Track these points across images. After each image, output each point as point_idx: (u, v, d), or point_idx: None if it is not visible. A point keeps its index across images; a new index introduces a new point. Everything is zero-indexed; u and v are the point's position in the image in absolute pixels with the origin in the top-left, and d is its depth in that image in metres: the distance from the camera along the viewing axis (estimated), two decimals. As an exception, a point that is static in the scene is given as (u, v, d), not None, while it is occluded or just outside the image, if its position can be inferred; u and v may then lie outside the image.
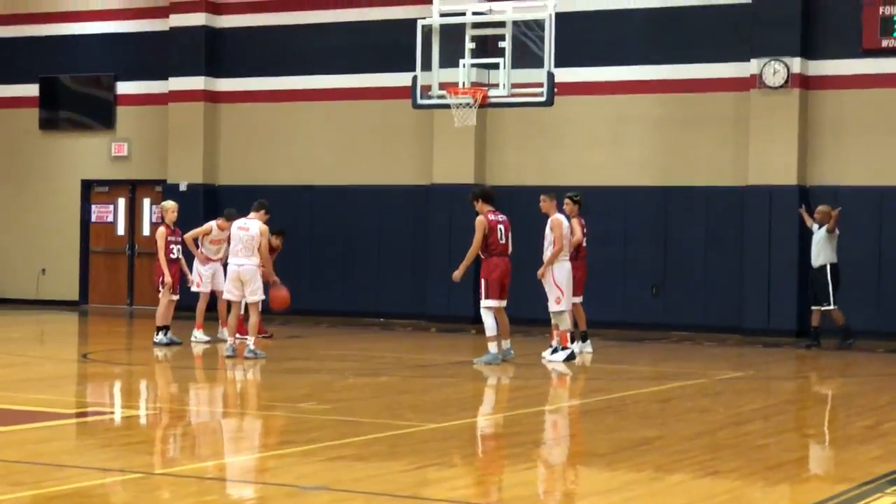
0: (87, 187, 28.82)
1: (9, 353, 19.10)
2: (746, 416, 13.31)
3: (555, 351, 18.27)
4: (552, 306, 18.04)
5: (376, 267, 25.92)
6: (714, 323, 23.60)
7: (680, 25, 24.20)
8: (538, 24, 18.56)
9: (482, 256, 17.91)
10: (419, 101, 19.68)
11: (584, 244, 18.99)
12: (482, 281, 17.91)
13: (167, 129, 27.59)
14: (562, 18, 19.10)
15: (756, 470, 10.19)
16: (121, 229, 28.61)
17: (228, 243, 18.88)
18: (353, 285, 26.17)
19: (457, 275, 18.01)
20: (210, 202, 26.98)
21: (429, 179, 25.54)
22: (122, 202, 28.62)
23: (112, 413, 13.54)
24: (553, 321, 18.22)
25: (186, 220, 24.22)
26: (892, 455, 10.90)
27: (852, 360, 20.00)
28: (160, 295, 19.47)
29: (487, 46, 19.33)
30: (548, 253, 18.06)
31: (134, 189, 28.52)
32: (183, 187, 27.21)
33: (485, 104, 19.35)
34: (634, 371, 18.12)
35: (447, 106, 19.43)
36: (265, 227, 18.32)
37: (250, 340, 18.03)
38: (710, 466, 10.23)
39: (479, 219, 17.95)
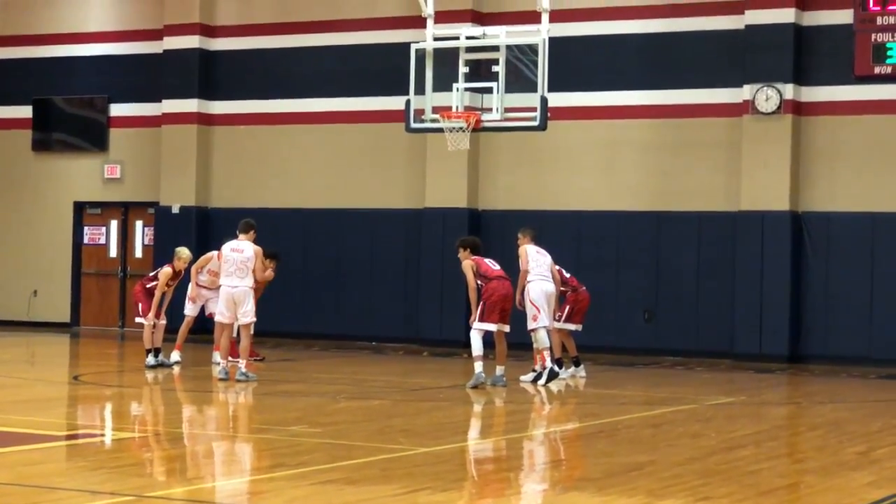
0: (80, 209, 28.80)
1: (0, 375, 19.06)
2: (738, 442, 13.30)
3: (538, 376, 18.38)
4: (530, 323, 18.38)
5: (368, 290, 25.89)
6: (706, 348, 23.59)
7: (673, 51, 24.25)
8: (532, 49, 18.58)
9: (481, 284, 18.20)
10: (412, 125, 19.68)
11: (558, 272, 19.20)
12: (481, 304, 18.10)
13: (160, 152, 27.58)
14: (555, 43, 19.11)
15: (748, 496, 10.18)
16: (113, 251, 28.58)
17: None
18: (345, 309, 26.14)
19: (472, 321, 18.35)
20: (202, 225, 26.98)
21: (421, 203, 25.55)
22: (114, 224, 28.60)
23: (103, 435, 13.51)
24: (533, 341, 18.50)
25: (178, 243, 24.23)
26: (885, 481, 10.89)
27: (844, 387, 20.00)
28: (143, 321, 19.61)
29: (481, 70, 19.33)
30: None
31: (126, 211, 28.49)
32: (175, 210, 27.20)
33: (478, 128, 19.35)
34: (626, 396, 18.11)
35: (440, 130, 19.43)
36: (259, 248, 18.33)
37: (242, 363, 18.01)
38: (702, 492, 10.22)
39: (465, 262, 18.39)
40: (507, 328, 18.33)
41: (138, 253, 28.33)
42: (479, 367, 17.94)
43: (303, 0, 26.86)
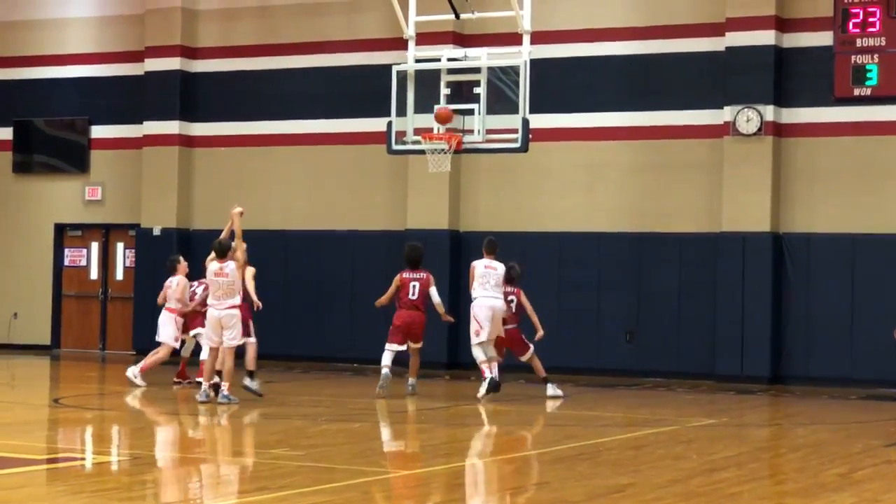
0: (60, 231, 28.74)
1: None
2: (719, 464, 13.30)
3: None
4: (472, 339, 19.06)
5: (349, 312, 25.84)
6: (687, 369, 23.61)
7: (654, 72, 24.31)
8: (513, 70, 18.62)
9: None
10: (394, 147, 19.69)
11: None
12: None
13: (141, 174, 27.55)
14: (537, 65, 19.17)
15: (729, 518, 10.17)
16: (94, 273, 28.51)
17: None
18: (326, 330, 26.10)
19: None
20: (184, 247, 26.90)
21: (403, 225, 25.55)
22: (95, 246, 28.54)
23: (83, 459, 13.46)
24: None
25: (160, 265, 24.17)
26: (866, 503, 10.89)
27: (825, 408, 20.02)
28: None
29: (462, 92, 19.35)
30: None
31: (107, 233, 28.44)
32: (157, 231, 27.16)
33: (459, 150, 19.36)
34: (607, 417, 18.10)
35: (422, 152, 19.44)
36: (237, 262, 18.27)
37: (224, 386, 17.97)
38: (684, 514, 10.21)
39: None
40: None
41: (119, 275, 28.27)
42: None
43: (284, 22, 26.88)
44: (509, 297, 19.40)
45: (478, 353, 19.01)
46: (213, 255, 18.45)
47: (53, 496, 11.02)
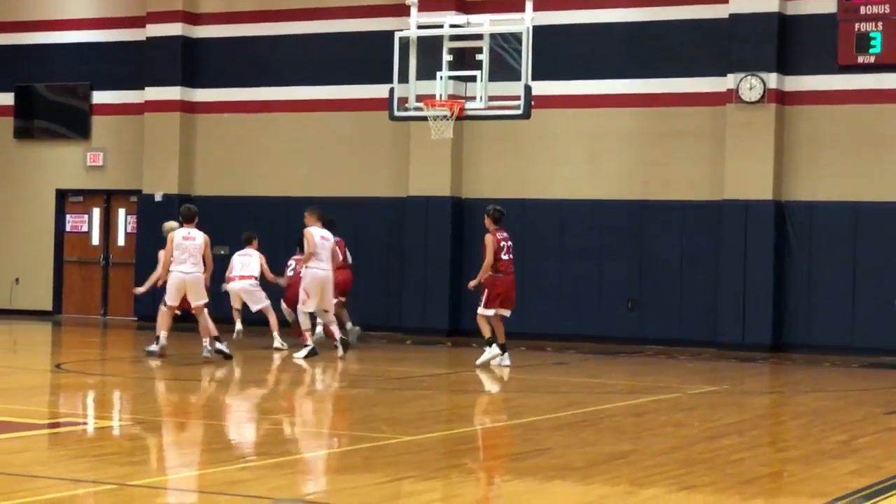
0: (62, 197, 28.72)
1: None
2: (721, 431, 13.31)
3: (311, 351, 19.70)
4: (299, 306, 19.89)
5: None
6: (689, 337, 23.61)
7: (657, 40, 24.24)
8: (516, 37, 18.56)
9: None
10: (396, 113, 19.66)
11: (505, 257, 19.13)
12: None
13: (143, 139, 27.52)
14: (539, 31, 19.12)
15: (731, 485, 10.18)
16: (95, 239, 28.50)
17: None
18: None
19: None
20: (185, 213, 26.94)
21: (405, 191, 25.53)
22: (96, 212, 28.52)
23: (85, 424, 13.48)
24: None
25: (161, 231, 24.10)
26: (867, 470, 10.91)
27: (827, 375, 20.04)
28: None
29: (465, 59, 19.31)
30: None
31: (109, 199, 28.42)
32: (158, 198, 27.14)
33: (462, 116, 19.35)
34: (609, 385, 18.12)
35: (424, 118, 19.42)
36: (207, 237, 19.09)
37: (206, 341, 18.69)
38: (685, 481, 10.22)
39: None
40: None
41: (121, 241, 28.26)
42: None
43: (286, -12, 26.80)
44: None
45: (305, 321, 19.76)
46: (171, 223, 19.74)
47: (55, 461, 11.04)
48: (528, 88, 18.52)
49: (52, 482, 9.83)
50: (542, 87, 21.65)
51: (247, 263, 21.60)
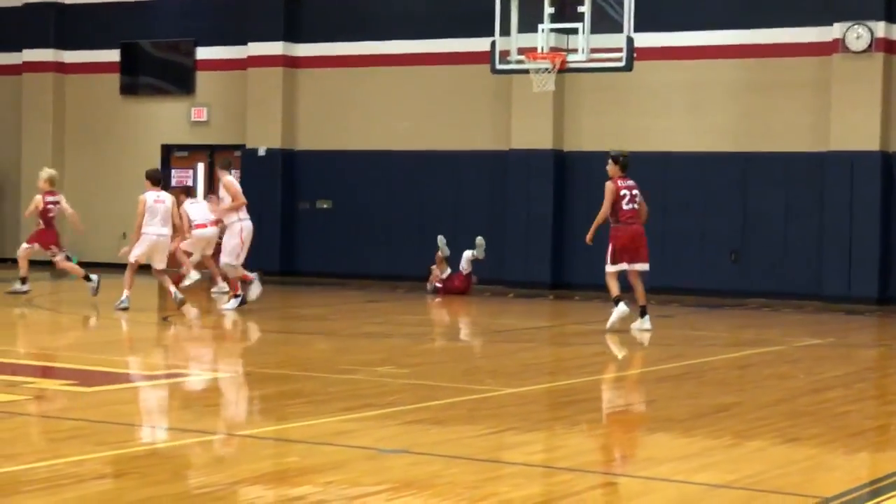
0: (167, 152, 29.03)
1: (93, 316, 19.37)
2: (827, 384, 13.22)
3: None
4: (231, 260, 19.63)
5: (452, 233, 25.82)
6: (793, 290, 23.41)
7: (761, -11, 23.96)
8: (617, -11, 18.47)
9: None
10: (498, 67, 19.66)
11: (627, 206, 17.19)
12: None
13: (246, 95, 27.72)
14: (641, -18, 18.97)
15: (836, 437, 10.12)
16: (200, 194, 28.74)
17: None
18: (429, 251, 26.13)
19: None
20: (288, 167, 27.14)
21: (507, 145, 25.50)
22: (201, 167, 28.81)
23: (192, 375, 13.66)
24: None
25: (264, 185, 24.39)
26: (975, 423, 10.80)
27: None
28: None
29: (566, 11, 19.24)
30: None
31: (213, 154, 28.67)
32: (262, 152, 27.34)
33: (563, 69, 19.29)
34: (713, 337, 18.04)
35: (526, 71, 19.41)
36: (174, 198, 20.05)
37: (173, 288, 19.51)
38: (790, 433, 10.17)
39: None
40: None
41: (225, 195, 28.45)
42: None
43: (387, -58, 26.80)
44: None
45: (235, 272, 19.68)
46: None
47: (163, 411, 11.21)
48: (630, 40, 18.43)
49: (160, 432, 9.99)
50: (644, 39, 21.47)
51: (202, 210, 22.44)
